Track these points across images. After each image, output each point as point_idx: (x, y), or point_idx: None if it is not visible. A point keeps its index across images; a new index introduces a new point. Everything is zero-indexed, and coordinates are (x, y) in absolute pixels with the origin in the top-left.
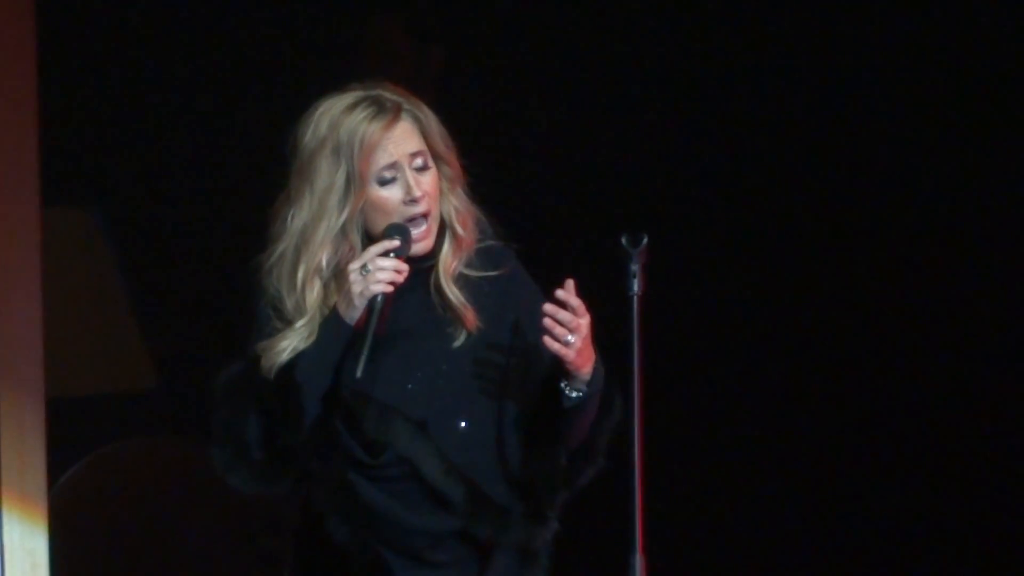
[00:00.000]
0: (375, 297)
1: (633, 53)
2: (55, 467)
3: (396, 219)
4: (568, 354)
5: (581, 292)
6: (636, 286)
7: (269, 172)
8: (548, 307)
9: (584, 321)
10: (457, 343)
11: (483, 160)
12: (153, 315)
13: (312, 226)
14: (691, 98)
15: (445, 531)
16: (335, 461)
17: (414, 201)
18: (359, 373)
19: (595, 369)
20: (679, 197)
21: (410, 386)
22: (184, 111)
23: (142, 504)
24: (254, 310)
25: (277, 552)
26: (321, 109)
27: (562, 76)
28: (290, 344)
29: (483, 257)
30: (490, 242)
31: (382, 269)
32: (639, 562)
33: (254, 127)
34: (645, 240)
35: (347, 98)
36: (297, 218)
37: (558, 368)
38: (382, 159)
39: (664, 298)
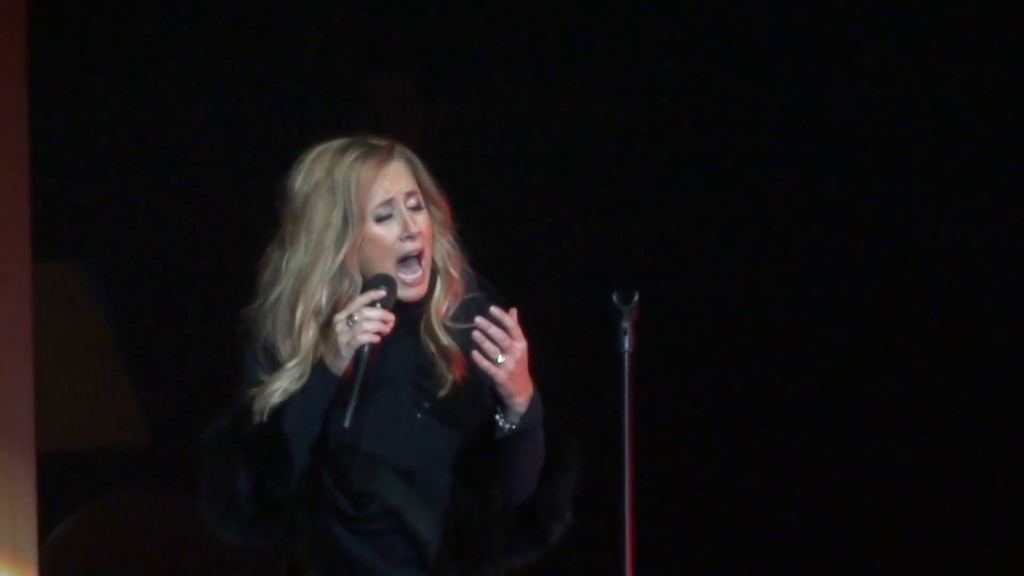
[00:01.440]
0: (362, 348)
1: (629, 108)
2: (46, 522)
3: (392, 256)
4: (498, 374)
5: (569, 347)
6: (627, 344)
7: (264, 227)
8: (480, 320)
9: (519, 345)
10: (443, 392)
11: (474, 215)
12: (145, 370)
13: (309, 267)
14: (683, 156)
15: None
16: (320, 514)
17: (410, 237)
18: (347, 423)
19: (532, 404)
20: (670, 254)
21: (397, 436)
22: (178, 166)
23: (133, 560)
24: (241, 362)
25: None
26: (312, 156)
27: (557, 133)
28: (281, 385)
29: (466, 309)
30: (474, 294)
31: (369, 319)
32: None
33: (250, 182)
34: (636, 297)
35: (336, 144)
36: (293, 261)
37: (494, 396)
38: (378, 195)
39: (656, 356)
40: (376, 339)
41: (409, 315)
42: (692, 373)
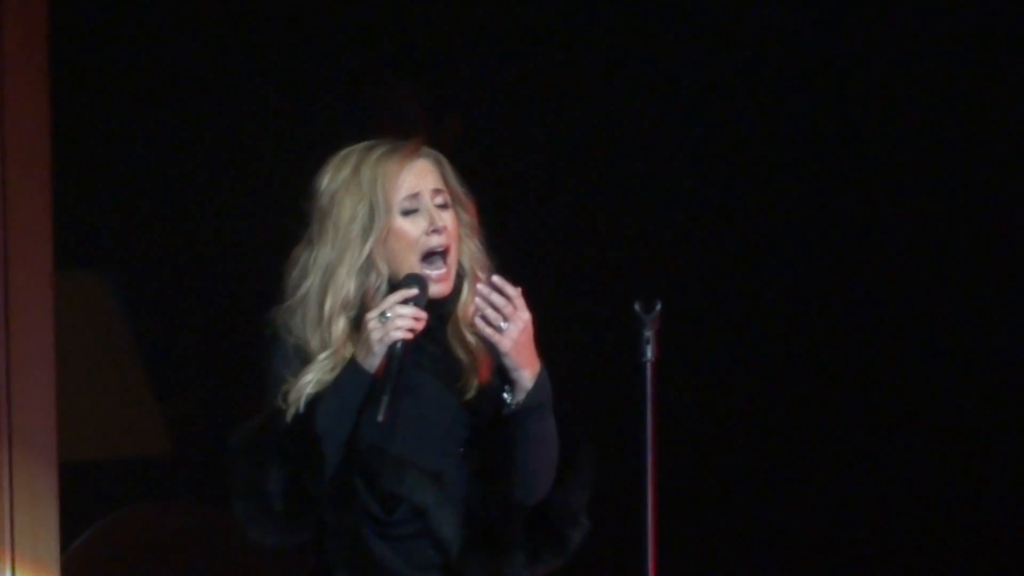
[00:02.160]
0: (395, 344)
1: (652, 114)
2: (68, 531)
3: (418, 251)
4: (502, 342)
5: (594, 359)
6: (649, 353)
7: (284, 236)
8: (481, 288)
9: (523, 315)
10: (470, 395)
11: (493, 222)
12: (167, 379)
13: (337, 260)
14: (707, 164)
15: None
16: (350, 515)
17: (436, 232)
18: (381, 417)
19: (539, 380)
20: (693, 264)
21: (424, 437)
22: (198, 175)
23: (154, 569)
24: (267, 364)
25: None
26: (339, 156)
27: (575, 140)
28: (314, 377)
29: None
30: None
31: (402, 316)
32: None
33: (269, 191)
34: (659, 306)
35: (364, 144)
36: (320, 256)
37: (501, 373)
38: (404, 189)
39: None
40: (409, 336)
41: (437, 315)
42: (714, 382)
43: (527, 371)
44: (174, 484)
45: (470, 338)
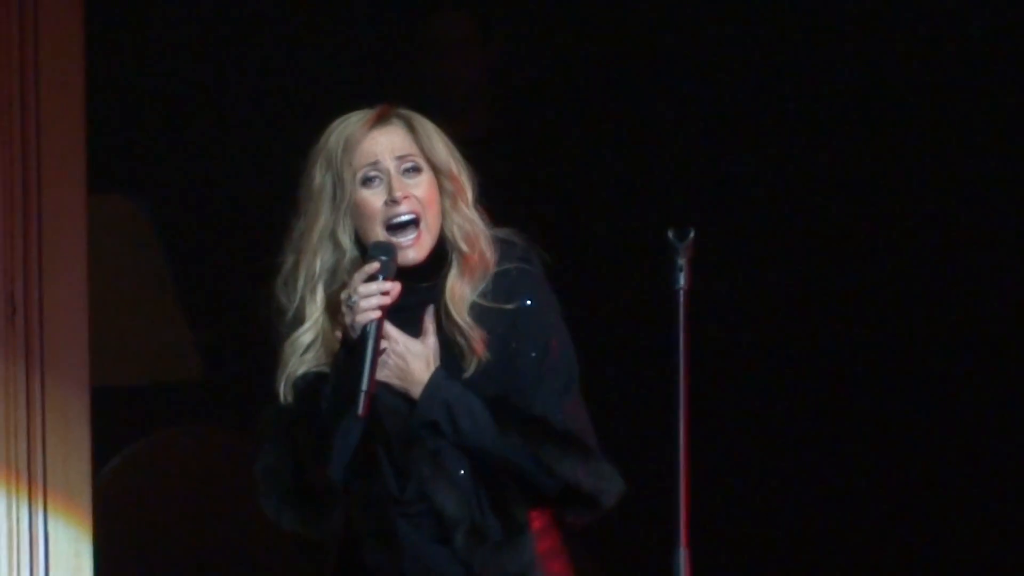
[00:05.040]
0: (366, 328)
1: (686, 43)
2: (99, 456)
3: (380, 222)
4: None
5: (624, 285)
6: (682, 280)
7: None
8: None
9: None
10: (467, 374)
11: (530, 151)
12: (199, 304)
13: (308, 232)
14: (741, 91)
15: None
16: (375, 485)
17: (394, 201)
18: (360, 411)
19: (425, 397)
20: (727, 190)
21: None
22: (234, 100)
23: (186, 494)
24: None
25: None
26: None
27: (613, 66)
28: (295, 354)
29: (498, 284)
30: (509, 265)
31: (366, 296)
32: (683, 556)
33: (306, 119)
34: (692, 234)
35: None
36: (297, 228)
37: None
38: (364, 158)
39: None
40: (378, 314)
41: (424, 294)
42: (747, 312)
43: (413, 389)
44: (206, 409)
45: (460, 320)
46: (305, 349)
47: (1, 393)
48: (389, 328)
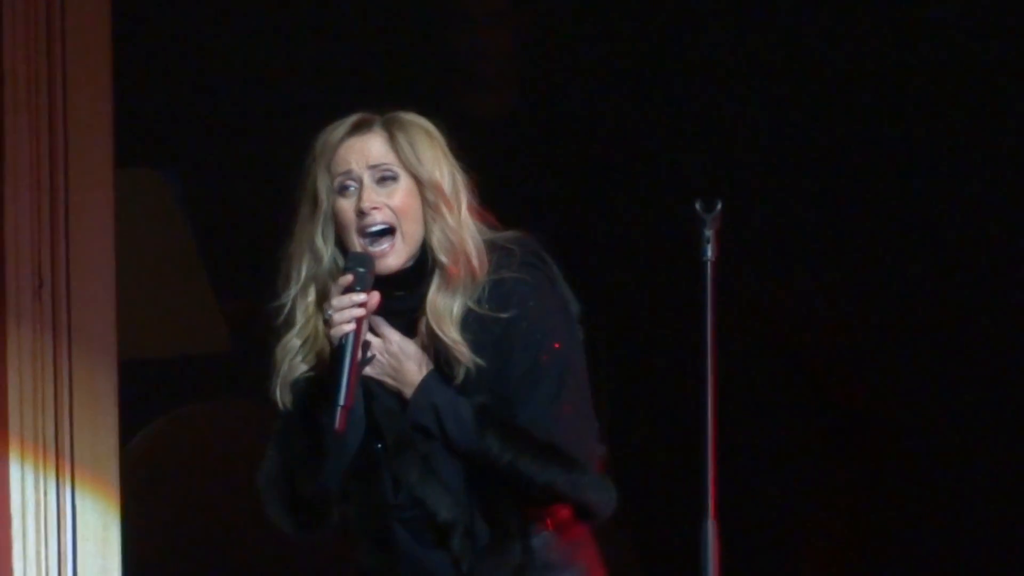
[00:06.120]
0: (341, 340)
1: (711, 18)
2: (127, 430)
3: (354, 232)
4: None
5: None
6: (710, 252)
7: None
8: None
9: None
10: (458, 380)
11: (558, 117)
12: (226, 276)
13: (297, 236)
14: (766, 67)
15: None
16: (372, 487)
17: (362, 213)
18: (337, 425)
19: (415, 400)
20: (755, 163)
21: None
22: (262, 72)
23: (213, 467)
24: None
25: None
26: None
27: (645, 41)
28: (286, 359)
29: (495, 292)
30: (506, 274)
31: (339, 310)
32: (712, 527)
33: (340, 93)
34: (719, 206)
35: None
36: (292, 236)
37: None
38: (339, 166)
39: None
40: (353, 326)
41: (405, 308)
42: (774, 282)
43: (405, 390)
44: (233, 382)
45: (445, 334)
46: (296, 353)
47: (28, 367)
48: (384, 328)
